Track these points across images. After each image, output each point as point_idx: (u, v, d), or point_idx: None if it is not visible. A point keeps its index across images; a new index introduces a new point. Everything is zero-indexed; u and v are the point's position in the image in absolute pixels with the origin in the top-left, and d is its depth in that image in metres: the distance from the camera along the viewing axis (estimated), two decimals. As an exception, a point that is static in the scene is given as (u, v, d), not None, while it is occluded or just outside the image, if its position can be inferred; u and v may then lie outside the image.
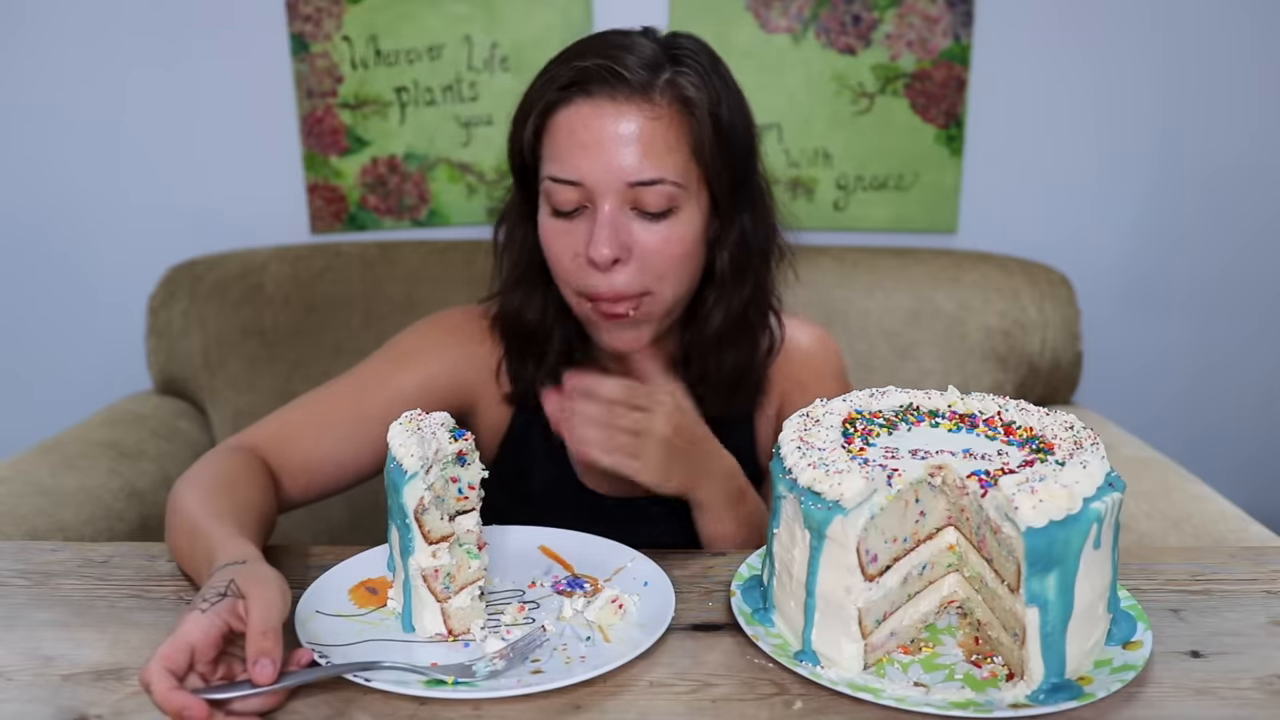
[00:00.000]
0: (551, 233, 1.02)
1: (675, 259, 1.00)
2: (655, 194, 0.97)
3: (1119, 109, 1.89)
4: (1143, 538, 1.32)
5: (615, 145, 0.95)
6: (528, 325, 1.10)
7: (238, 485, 0.93)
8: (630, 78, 0.96)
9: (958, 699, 0.70)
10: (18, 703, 0.71)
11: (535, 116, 1.00)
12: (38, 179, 1.89)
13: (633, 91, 0.96)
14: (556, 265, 1.03)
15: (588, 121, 0.96)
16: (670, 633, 0.78)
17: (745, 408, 1.15)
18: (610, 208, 0.97)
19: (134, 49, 1.83)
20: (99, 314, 1.95)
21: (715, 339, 1.08)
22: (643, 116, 0.96)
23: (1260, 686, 0.71)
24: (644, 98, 0.96)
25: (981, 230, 1.92)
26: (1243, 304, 2.00)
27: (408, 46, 1.86)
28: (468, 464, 0.82)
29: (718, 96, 1.00)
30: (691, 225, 1.01)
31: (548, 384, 1.08)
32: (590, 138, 0.96)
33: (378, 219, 1.94)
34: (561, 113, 0.98)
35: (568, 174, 0.97)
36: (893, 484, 0.73)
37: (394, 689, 0.70)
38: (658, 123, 0.96)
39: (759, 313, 1.11)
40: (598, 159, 0.96)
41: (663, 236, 0.99)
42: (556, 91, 0.98)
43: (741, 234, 1.06)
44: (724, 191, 1.02)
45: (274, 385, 1.73)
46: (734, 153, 1.02)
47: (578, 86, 0.97)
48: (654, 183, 0.96)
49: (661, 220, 0.98)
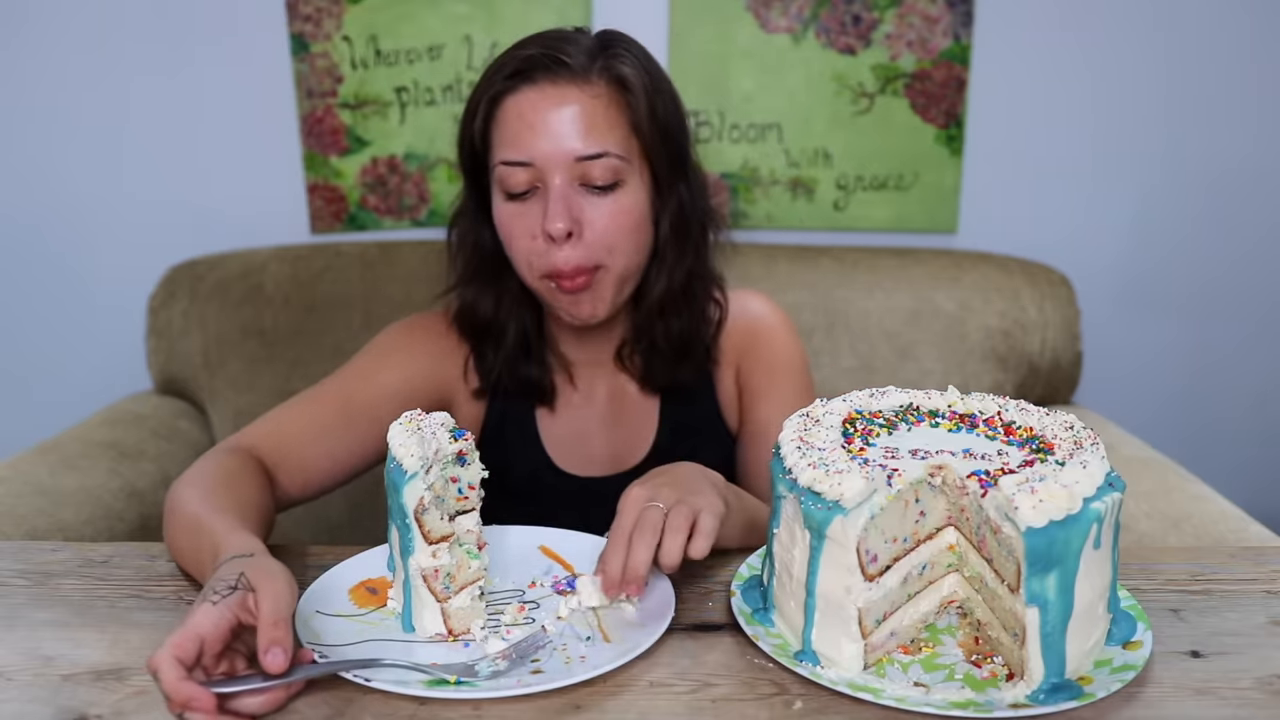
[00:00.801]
0: (506, 216, 1.07)
1: (624, 230, 1.06)
2: (601, 167, 1.03)
3: (1119, 109, 1.89)
4: (1143, 538, 1.32)
5: (560, 125, 1.02)
6: (483, 318, 1.15)
7: (236, 483, 0.94)
8: (570, 63, 1.03)
9: (958, 699, 0.70)
10: (18, 703, 0.71)
11: (484, 107, 1.06)
12: (38, 178, 1.89)
13: (574, 75, 1.03)
14: (515, 246, 1.07)
15: (534, 104, 1.03)
16: (670, 633, 0.78)
17: (695, 375, 1.19)
18: (560, 182, 1.03)
19: (134, 50, 1.83)
20: (99, 314, 1.95)
21: (659, 307, 1.13)
22: (584, 96, 1.03)
23: (1260, 686, 0.71)
24: (584, 80, 1.04)
25: (981, 230, 1.92)
26: (1243, 304, 2.00)
27: (408, 46, 1.86)
28: (468, 464, 0.82)
29: (650, 78, 1.07)
30: (637, 198, 1.07)
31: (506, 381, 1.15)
32: (537, 119, 1.02)
33: (378, 219, 1.94)
34: (509, 100, 1.04)
35: (518, 155, 1.03)
36: (893, 484, 0.73)
37: (394, 689, 0.70)
38: (597, 101, 1.03)
39: (701, 282, 1.16)
40: (545, 138, 1.02)
41: (611, 209, 1.05)
42: (503, 81, 1.04)
43: (680, 205, 1.12)
44: (663, 166, 1.09)
45: (274, 385, 1.73)
46: (670, 128, 1.09)
47: (522, 75, 1.04)
48: (599, 156, 1.03)
49: (609, 194, 1.05)
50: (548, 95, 1.03)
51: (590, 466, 1.19)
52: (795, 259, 1.78)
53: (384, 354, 1.16)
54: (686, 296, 1.14)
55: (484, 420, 1.19)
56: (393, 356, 1.15)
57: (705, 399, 1.21)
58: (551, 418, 1.19)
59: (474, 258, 1.15)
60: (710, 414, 1.21)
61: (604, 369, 1.20)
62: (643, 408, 1.20)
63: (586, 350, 1.19)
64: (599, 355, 1.19)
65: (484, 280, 1.15)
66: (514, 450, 1.18)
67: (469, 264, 1.16)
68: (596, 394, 1.20)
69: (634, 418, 1.20)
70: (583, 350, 1.19)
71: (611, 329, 1.17)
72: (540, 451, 1.18)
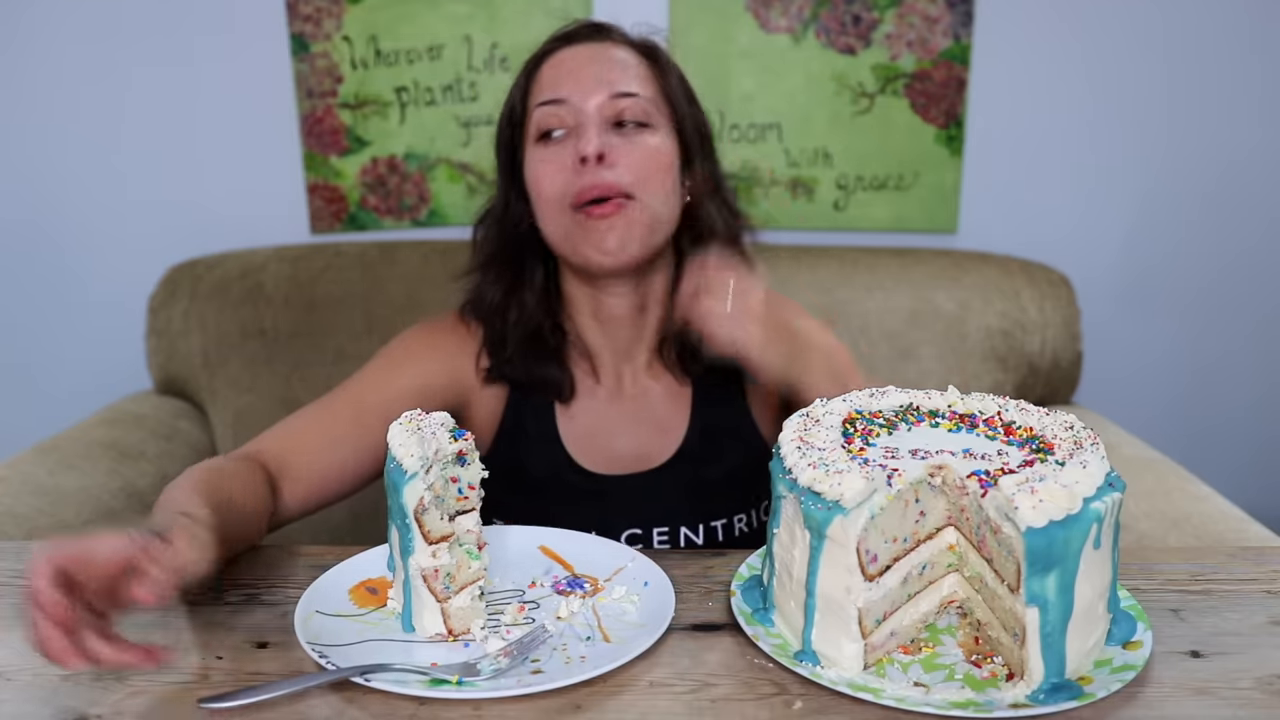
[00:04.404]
0: (538, 159, 1.10)
1: (654, 166, 1.09)
2: (634, 105, 1.08)
3: (1119, 109, 1.89)
4: (1143, 538, 1.32)
5: (597, 66, 1.09)
6: (491, 302, 1.16)
7: (224, 478, 0.93)
8: (610, 29, 1.13)
9: (958, 699, 0.70)
10: (18, 703, 0.71)
11: (523, 74, 1.13)
12: (38, 179, 1.89)
13: (612, 37, 1.12)
14: (547, 186, 1.09)
15: (573, 55, 1.10)
16: (670, 633, 0.78)
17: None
18: (594, 113, 1.07)
19: (134, 49, 1.84)
20: (99, 314, 1.95)
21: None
22: (620, 51, 1.11)
23: (1260, 686, 0.71)
24: (623, 42, 1.12)
25: (981, 230, 1.92)
26: (1243, 303, 2.00)
27: (408, 46, 1.86)
28: (468, 464, 0.82)
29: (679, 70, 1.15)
30: (666, 144, 1.10)
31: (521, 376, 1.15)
32: (576, 65, 1.09)
33: (378, 219, 1.94)
34: (548, 60, 1.11)
35: (554, 94, 1.08)
36: (893, 484, 0.72)
37: (394, 689, 0.70)
38: (631, 56, 1.11)
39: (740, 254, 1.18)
40: (583, 77, 1.08)
41: (643, 146, 1.08)
42: (543, 47, 1.12)
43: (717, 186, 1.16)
44: (691, 138, 1.13)
45: (274, 385, 1.73)
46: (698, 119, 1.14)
47: (562, 39, 1.12)
48: (632, 95, 1.08)
49: (640, 132, 1.09)
50: (586, 49, 1.10)
51: (613, 465, 1.15)
52: (795, 259, 1.78)
53: (397, 360, 1.15)
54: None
55: (501, 416, 1.17)
56: (406, 361, 1.14)
57: (738, 400, 1.19)
58: (572, 413, 1.17)
59: (493, 248, 1.16)
60: (742, 415, 1.19)
61: (631, 363, 1.18)
62: (672, 406, 1.17)
63: (612, 339, 1.17)
64: (626, 346, 1.17)
65: (499, 267, 1.16)
66: (532, 446, 1.16)
67: (486, 253, 1.17)
68: (623, 389, 1.18)
69: (662, 416, 1.17)
70: (609, 340, 1.17)
71: (640, 320, 1.16)
72: (560, 449, 1.15)
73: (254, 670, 0.74)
